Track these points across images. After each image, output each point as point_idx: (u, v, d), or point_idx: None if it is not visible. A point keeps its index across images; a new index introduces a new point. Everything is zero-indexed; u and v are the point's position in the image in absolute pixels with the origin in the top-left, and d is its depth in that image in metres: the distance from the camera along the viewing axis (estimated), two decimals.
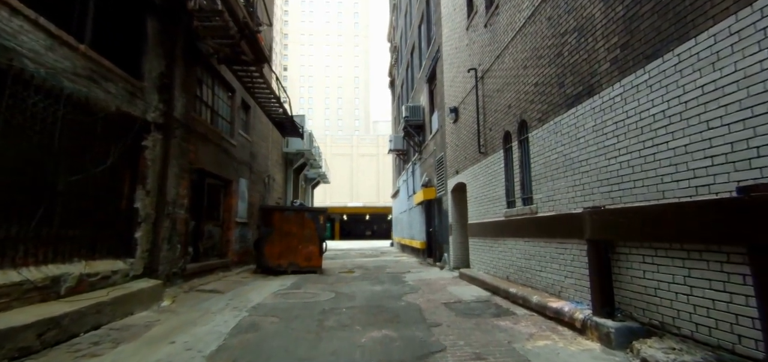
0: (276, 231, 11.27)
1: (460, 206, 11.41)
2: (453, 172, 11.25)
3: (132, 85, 6.44)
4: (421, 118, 16.09)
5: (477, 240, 9.04)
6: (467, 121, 9.80)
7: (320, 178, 27.10)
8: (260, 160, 14.21)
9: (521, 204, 6.66)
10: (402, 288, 8.22)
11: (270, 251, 11.14)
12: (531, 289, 6.07)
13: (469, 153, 9.58)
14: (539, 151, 5.94)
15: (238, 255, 11.87)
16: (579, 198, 4.88)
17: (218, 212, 10.96)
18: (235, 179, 11.56)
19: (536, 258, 6.01)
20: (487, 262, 8.33)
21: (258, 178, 13.98)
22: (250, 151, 12.98)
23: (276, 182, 17.16)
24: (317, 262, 11.37)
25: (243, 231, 12.26)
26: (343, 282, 9.22)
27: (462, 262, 11.15)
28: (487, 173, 8.33)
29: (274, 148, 16.87)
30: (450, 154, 11.65)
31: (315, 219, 11.56)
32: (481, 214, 8.74)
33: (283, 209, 11.59)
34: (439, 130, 13.17)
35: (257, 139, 13.88)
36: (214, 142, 9.91)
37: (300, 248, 11.32)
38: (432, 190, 14.01)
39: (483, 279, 7.67)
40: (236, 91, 11.69)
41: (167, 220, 7.43)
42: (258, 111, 13.50)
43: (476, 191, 9.07)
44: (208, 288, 8.17)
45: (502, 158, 7.44)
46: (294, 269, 11.20)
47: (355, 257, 18.15)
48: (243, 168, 12.24)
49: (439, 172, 13.06)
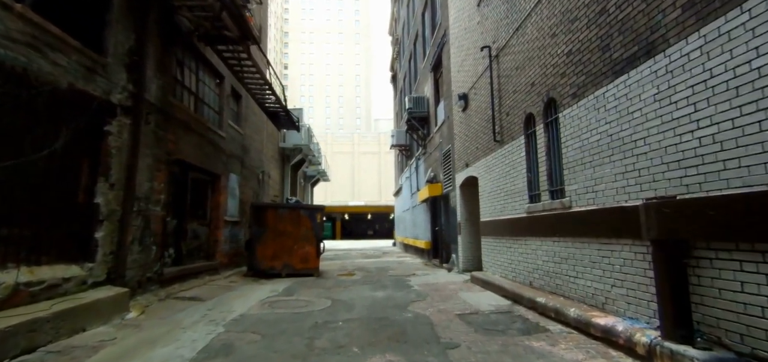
0: (269, 231, 10.32)
1: (470, 202, 10.43)
2: (462, 166, 10.27)
3: (91, 60, 5.48)
4: (426, 110, 15.10)
5: (491, 240, 8.06)
6: (479, 107, 8.82)
7: (320, 176, 26.10)
8: (253, 154, 13.26)
9: (549, 198, 5.67)
10: (407, 294, 7.25)
11: (263, 252, 10.20)
12: (563, 299, 5.09)
13: (482, 143, 8.60)
14: (573, 133, 4.95)
15: (229, 257, 10.92)
16: (632, 187, 3.89)
17: (205, 210, 10.01)
18: (224, 174, 10.60)
19: (570, 261, 5.03)
20: (503, 265, 7.35)
21: (251, 173, 13.03)
22: (241, 144, 12.03)
23: (272, 179, 16.22)
24: (314, 264, 10.42)
25: (234, 230, 11.31)
26: (341, 287, 8.26)
27: (472, 264, 10.17)
28: (503, 164, 7.35)
29: (270, 143, 15.92)
30: (458, 146, 10.67)
31: (312, 218, 10.61)
32: (496, 211, 7.76)
33: (277, 207, 10.64)
34: (446, 121, 12.19)
35: (250, 132, 12.93)
36: (198, 132, 8.95)
37: (295, 249, 10.37)
38: (438, 186, 13.03)
39: (500, 285, 6.68)
40: (225, 79, 10.73)
41: (138, 218, 6.47)
42: (250, 101, 12.55)
43: (490, 185, 8.09)
44: (188, 295, 7.22)
45: (523, 145, 6.45)
46: (289, 272, 10.25)
47: (355, 258, 17.20)
48: (233, 162, 11.29)
49: (446, 167, 12.08)
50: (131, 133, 6.22)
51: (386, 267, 12.86)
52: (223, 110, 10.68)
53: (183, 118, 8.18)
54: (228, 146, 10.85)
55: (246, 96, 12.26)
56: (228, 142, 10.87)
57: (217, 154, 10.10)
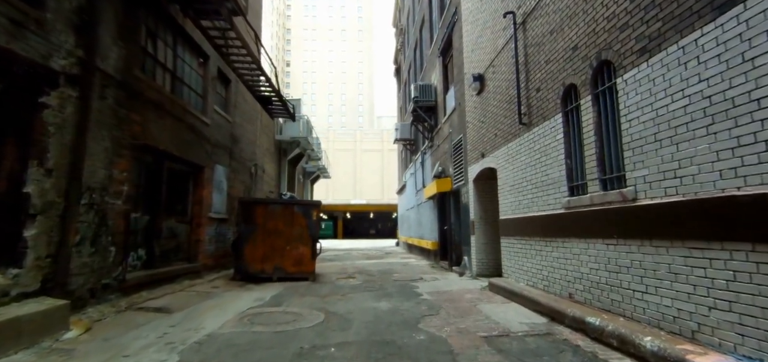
0: (259, 230, 9.18)
1: (485, 198, 9.23)
2: (476, 157, 9.08)
3: (19, 12, 4.33)
4: (433, 99, 13.90)
5: (514, 240, 6.86)
6: (498, 87, 7.62)
7: (320, 172, 24.91)
8: (245, 146, 12.11)
9: (599, 189, 4.47)
10: (416, 305, 6.07)
11: (251, 254, 9.05)
12: (625, 321, 3.89)
13: (502, 128, 7.40)
14: (642, 101, 3.75)
15: (214, 259, 9.78)
16: (751, 167, 2.69)
17: (185, 205, 8.86)
18: (209, 165, 9.45)
19: (635, 271, 3.83)
20: (531, 272, 6.16)
21: (242, 166, 11.88)
22: (230, 133, 10.88)
23: (267, 174, 15.07)
24: (309, 267, 9.26)
25: (220, 229, 10.16)
26: (338, 295, 7.09)
27: (488, 268, 8.98)
28: (531, 151, 6.15)
29: (264, 134, 14.78)
30: (472, 135, 9.47)
31: (306, 215, 9.46)
32: (521, 207, 6.56)
33: (268, 203, 9.49)
34: (456, 109, 10.99)
35: (240, 121, 11.78)
36: (176, 115, 7.80)
37: (288, 250, 9.22)
38: (446, 181, 11.84)
39: (529, 296, 5.49)
40: (210, 58, 9.57)
41: (90, 213, 5.32)
42: (241, 87, 11.39)
43: (513, 177, 6.89)
44: (155, 306, 6.06)
45: (561, 125, 5.25)
46: (281, 275, 9.10)
47: (356, 258, 16.03)
48: (220, 152, 10.14)
49: (456, 159, 10.89)
50: (79, 109, 5.06)
51: (390, 269, 11.69)
52: (208, 94, 9.53)
53: (154, 97, 7.03)
54: (213, 134, 9.70)
55: (235, 81, 11.11)
56: (213, 130, 9.72)
57: (200, 143, 8.95)
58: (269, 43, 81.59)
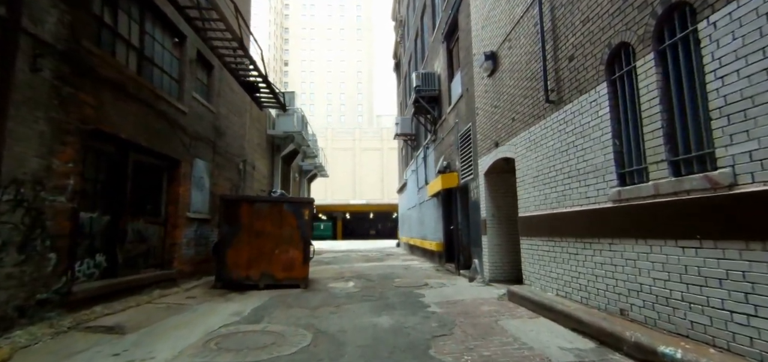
0: (244, 231, 8.13)
1: (498, 193, 8.18)
2: (488, 147, 8.03)
3: None
4: (436, 88, 12.85)
5: (539, 242, 5.80)
6: (517, 64, 6.57)
7: (317, 171, 23.82)
8: (231, 140, 11.05)
9: (669, 174, 3.40)
10: (424, 320, 5.01)
11: (235, 258, 8.01)
12: (719, 353, 2.83)
13: (522, 111, 6.35)
14: (745, 48, 2.68)
15: (193, 264, 8.72)
16: None
17: (158, 204, 7.80)
18: (187, 159, 8.39)
19: (734, 284, 2.77)
20: (563, 280, 5.10)
21: (228, 162, 10.83)
22: (213, 124, 9.82)
23: (258, 171, 14.01)
24: (300, 273, 8.21)
25: (201, 230, 9.10)
26: (331, 307, 6.03)
27: (503, 272, 7.93)
28: (562, 133, 5.10)
29: (255, 128, 13.72)
30: (482, 123, 8.42)
31: (297, 215, 8.40)
32: (548, 201, 5.51)
33: (254, 201, 8.43)
34: (463, 96, 9.94)
35: (226, 112, 10.72)
36: (143, 100, 6.75)
37: (277, 254, 8.17)
38: (452, 176, 10.79)
39: (565, 311, 4.43)
40: (187, 39, 8.51)
41: (17, 211, 4.26)
42: (226, 75, 10.34)
43: (537, 166, 5.84)
44: (107, 324, 5.00)
45: (606, 97, 4.19)
46: (268, 282, 8.05)
47: (355, 261, 14.97)
48: (201, 146, 9.08)
49: (464, 151, 9.83)
50: None
51: (391, 273, 10.64)
52: (185, 79, 8.46)
53: (114, 76, 5.97)
54: (192, 125, 8.64)
55: (220, 67, 10.05)
56: (192, 120, 8.66)
57: (175, 133, 7.88)
58: (267, 42, 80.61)
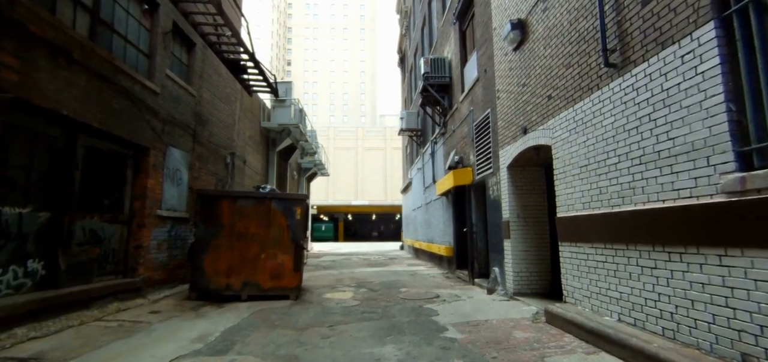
0: (224, 233, 6.93)
1: (525, 189, 6.92)
2: (513, 134, 6.76)
3: None
4: (447, 74, 11.58)
5: (590, 249, 4.52)
6: (557, 27, 5.30)
7: (317, 169, 22.54)
8: (217, 129, 9.83)
9: None
10: (443, 354, 3.72)
11: (213, 264, 6.80)
12: None
13: (563, 85, 5.09)
14: None
15: (166, 271, 7.49)
16: None
17: (119, 199, 6.57)
18: (158, 147, 7.18)
19: None
20: (630, 302, 3.82)
21: (212, 154, 9.61)
22: (193, 110, 8.59)
23: (250, 167, 12.80)
24: (290, 281, 6.98)
25: (177, 231, 7.88)
26: (324, 327, 4.78)
27: (530, 284, 6.66)
28: (629, 105, 3.83)
29: (247, 119, 12.50)
30: (505, 107, 7.15)
31: (288, 213, 7.19)
32: (606, 197, 4.23)
33: (237, 196, 7.20)
34: (480, 80, 8.69)
35: (211, 97, 9.50)
36: (98, 72, 5.54)
37: (263, 259, 6.96)
38: (466, 172, 9.52)
39: (645, 350, 3.14)
40: (159, 7, 7.29)
41: None
42: (211, 56, 9.13)
43: (587, 151, 4.57)
44: (24, 353, 3.78)
45: (715, 46, 2.89)
46: (252, 293, 6.84)
47: (356, 265, 13.71)
48: (177, 133, 7.86)
49: (481, 143, 8.57)
50: None
51: (395, 281, 9.37)
52: (157, 54, 7.24)
53: (52, 37, 4.75)
54: (165, 108, 7.42)
55: (203, 47, 8.84)
56: (166, 103, 7.45)
57: (141, 115, 6.66)
58: (270, 42, 79.82)
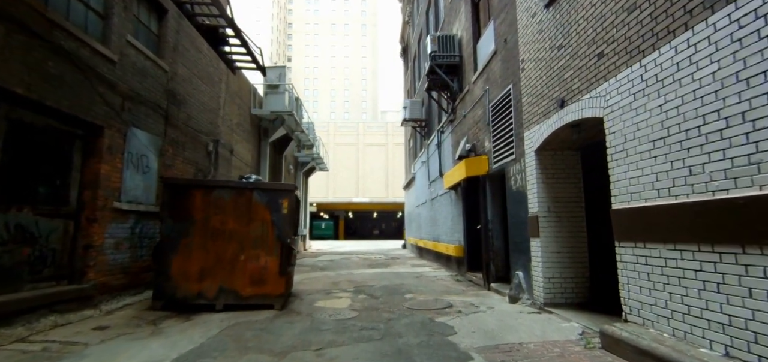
0: (196, 229, 5.78)
1: (558, 178, 5.72)
2: (545, 110, 5.56)
3: None
4: (457, 54, 10.36)
5: (670, 252, 3.32)
6: None
7: (315, 163, 21.31)
8: (197, 112, 8.64)
9: None
10: None
11: (183, 267, 5.65)
12: None
13: (623, 36, 3.88)
14: None
15: (128, 275, 6.31)
16: None
17: (62, 188, 5.38)
18: (116, 127, 5.99)
19: None
20: (750, 330, 2.63)
21: (191, 140, 8.42)
22: (165, 87, 7.40)
23: (238, 157, 11.61)
24: (275, 288, 5.81)
25: (142, 227, 6.70)
26: (308, 352, 3.58)
27: (564, 292, 5.47)
28: (751, 41, 2.64)
29: (235, 104, 11.30)
30: (534, 79, 5.95)
31: (273, 207, 6.03)
32: (698, 180, 3.03)
33: (212, 186, 6.01)
34: (498, 53, 7.48)
35: (189, 75, 8.31)
36: (22, 23, 4.36)
37: (242, 261, 5.80)
38: (479, 161, 8.32)
39: None
40: None
41: None
42: (188, 27, 7.93)
43: (664, 119, 3.37)
44: None
45: None
46: (229, 302, 5.69)
47: (355, 266, 12.53)
48: (142, 112, 6.67)
49: (499, 125, 7.37)
50: None
51: (399, 285, 8.18)
52: (114, 15, 6.04)
53: None
54: (127, 81, 6.23)
55: (177, 15, 7.65)
56: (128, 75, 6.26)
57: (92, 87, 5.46)
58: (270, 37, 78.60)
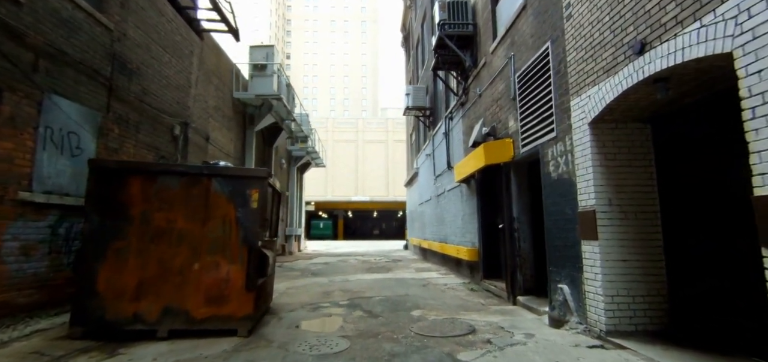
0: (133, 229, 4.26)
1: (621, 161, 4.18)
2: (609, 63, 4.00)
3: None
4: (470, 21, 8.80)
5: None
6: None
7: (311, 158, 19.74)
8: (157, 87, 7.10)
9: None
10: None
11: (113, 280, 4.12)
12: None
13: None
14: None
15: (44, 290, 4.75)
16: None
17: None
18: (22, 91, 4.43)
19: None
20: None
21: (149, 120, 6.88)
22: (108, 50, 5.85)
23: (217, 146, 10.06)
24: (240, 307, 4.27)
25: (68, 226, 5.15)
26: None
27: (633, 316, 3.92)
28: None
29: (211, 84, 9.75)
30: (588, 23, 4.39)
31: (239, 200, 4.50)
32: None
33: (156, 172, 4.47)
34: (529, 5, 5.94)
35: (145, 40, 6.77)
36: None
37: (196, 271, 4.28)
38: (502, 146, 6.77)
39: None
40: None
41: None
42: None
43: None
44: None
45: None
46: (177, 327, 4.17)
47: (352, 271, 10.98)
48: (70, 76, 5.12)
49: (531, 97, 5.83)
50: None
51: (404, 297, 6.63)
52: None
53: None
54: (42, 32, 4.69)
55: None
56: (41, 23, 4.71)
57: None
58: (268, 34, 77.07)
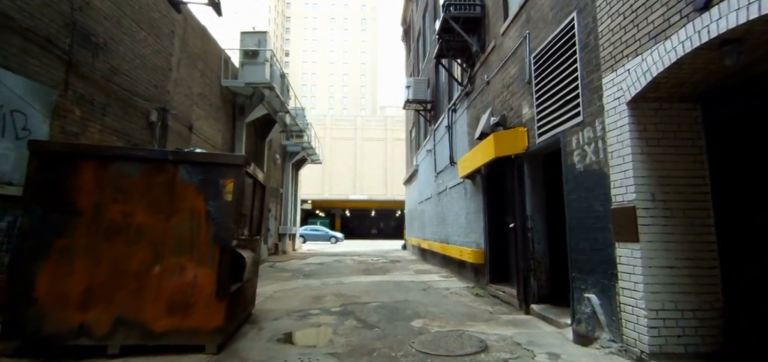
0: (82, 224, 3.48)
1: (666, 148, 3.46)
2: (657, 28, 3.29)
3: None
4: (478, 3, 8.08)
5: None
6: None
7: (306, 153, 18.96)
8: (130, 66, 6.34)
9: None
10: None
11: (55, 284, 3.34)
12: None
13: None
14: None
15: None
16: None
17: None
18: None
19: None
20: None
21: (120, 103, 6.13)
22: (68, 18, 5.08)
23: (202, 137, 9.30)
24: (209, 318, 3.51)
25: (5, 222, 4.41)
26: None
27: (681, 334, 3.19)
28: None
29: (196, 69, 8.98)
30: None
31: (210, 192, 3.74)
32: None
33: (110, 157, 3.74)
34: None
35: (116, 13, 6.01)
36: None
37: (156, 275, 3.50)
38: (515, 135, 6.05)
39: None
40: None
41: None
42: None
43: None
44: None
45: None
46: (131, 343, 3.38)
47: (348, 272, 10.25)
48: (13, 43, 4.36)
49: (551, 79, 5.11)
50: None
51: (402, 303, 5.90)
52: None
53: None
54: None
55: None
56: None
57: None
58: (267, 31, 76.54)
